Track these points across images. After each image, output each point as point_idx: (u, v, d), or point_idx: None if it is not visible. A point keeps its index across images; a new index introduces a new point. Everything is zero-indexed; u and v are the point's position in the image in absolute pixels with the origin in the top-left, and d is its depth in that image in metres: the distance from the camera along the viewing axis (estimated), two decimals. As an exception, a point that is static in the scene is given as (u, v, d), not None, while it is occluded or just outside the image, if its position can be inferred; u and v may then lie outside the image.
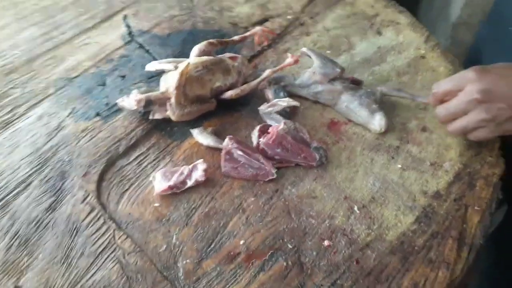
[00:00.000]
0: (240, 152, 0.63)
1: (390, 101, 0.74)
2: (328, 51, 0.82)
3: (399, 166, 0.67)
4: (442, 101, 0.64)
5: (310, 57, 0.74)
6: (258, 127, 0.66)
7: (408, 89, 0.76)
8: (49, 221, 0.59)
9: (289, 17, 0.89)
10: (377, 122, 0.69)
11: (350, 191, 0.63)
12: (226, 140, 0.64)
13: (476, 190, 0.64)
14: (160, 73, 0.75)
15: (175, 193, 0.62)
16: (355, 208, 0.62)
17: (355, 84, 0.75)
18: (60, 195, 0.62)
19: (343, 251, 0.58)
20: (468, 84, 0.59)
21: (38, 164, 0.65)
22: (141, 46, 0.82)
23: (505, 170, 0.66)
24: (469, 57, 0.89)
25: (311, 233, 0.59)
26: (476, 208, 0.62)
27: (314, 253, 0.57)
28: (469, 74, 0.60)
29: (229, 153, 0.63)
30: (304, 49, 0.74)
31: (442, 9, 1.80)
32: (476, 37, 0.88)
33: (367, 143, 0.69)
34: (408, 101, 0.74)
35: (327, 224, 0.60)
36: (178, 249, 0.57)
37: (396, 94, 0.72)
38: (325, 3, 0.92)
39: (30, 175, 0.64)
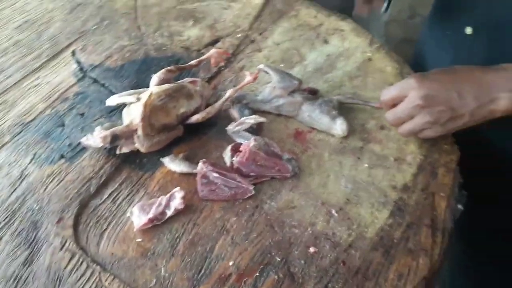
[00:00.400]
0: (215, 174, 0.64)
1: (347, 105, 0.77)
2: (281, 65, 0.85)
3: (366, 165, 0.70)
4: (391, 105, 0.69)
5: (267, 73, 0.76)
6: (229, 147, 0.68)
7: (361, 91, 0.81)
8: (29, 275, 0.57)
9: (238, 35, 0.91)
10: (339, 127, 0.73)
11: (326, 196, 0.66)
12: (200, 164, 0.65)
13: (439, 178, 0.68)
14: (120, 106, 0.74)
15: (156, 225, 0.62)
16: (333, 212, 0.64)
17: (312, 93, 0.78)
18: (36, 246, 0.59)
19: (329, 255, 0.60)
20: (411, 91, 0.65)
21: (6, 218, 0.62)
22: (95, 81, 0.81)
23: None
24: (415, 57, 0.96)
25: (296, 242, 0.61)
26: (441, 194, 0.66)
27: (302, 261, 0.59)
28: (410, 81, 0.65)
29: (205, 176, 0.64)
30: (261, 66, 0.76)
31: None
32: (419, 39, 0.95)
33: (333, 147, 0.72)
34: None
35: (310, 231, 0.62)
36: (169, 281, 0.57)
37: (350, 102, 0.76)
38: (270, 18, 0.95)
39: (-1, 230, 0.61)
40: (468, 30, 0.73)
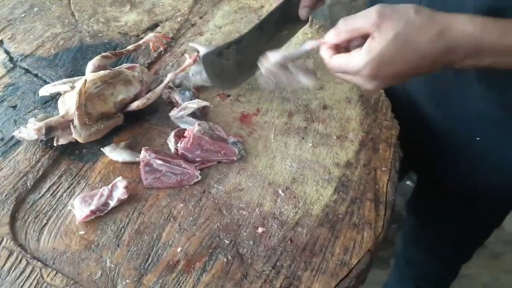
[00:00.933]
0: (159, 162, 0.62)
1: (290, 88, 0.78)
2: (224, 48, 0.84)
3: (310, 144, 0.71)
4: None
5: (197, 51, 0.75)
6: (173, 133, 0.66)
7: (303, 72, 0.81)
8: (-39, 279, 0.53)
9: (178, 19, 0.89)
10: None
11: (272, 176, 0.66)
12: (143, 152, 0.63)
13: (380, 153, 0.71)
14: (55, 97, 0.70)
15: (99, 216, 0.60)
16: (280, 191, 0.65)
17: None
18: (-32, 248, 0.56)
19: (277, 234, 0.60)
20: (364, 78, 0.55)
21: None
22: (27, 71, 0.76)
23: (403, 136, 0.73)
24: None
25: (245, 224, 0.61)
26: (383, 169, 0.69)
27: (251, 242, 0.59)
28: (367, 68, 0.55)
29: (148, 164, 0.62)
30: (191, 44, 0.75)
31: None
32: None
33: (278, 129, 0.73)
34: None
35: (258, 212, 0.62)
36: (115, 272, 0.56)
37: (288, 57, 0.66)
38: (211, 2, 0.94)
39: None
40: None
